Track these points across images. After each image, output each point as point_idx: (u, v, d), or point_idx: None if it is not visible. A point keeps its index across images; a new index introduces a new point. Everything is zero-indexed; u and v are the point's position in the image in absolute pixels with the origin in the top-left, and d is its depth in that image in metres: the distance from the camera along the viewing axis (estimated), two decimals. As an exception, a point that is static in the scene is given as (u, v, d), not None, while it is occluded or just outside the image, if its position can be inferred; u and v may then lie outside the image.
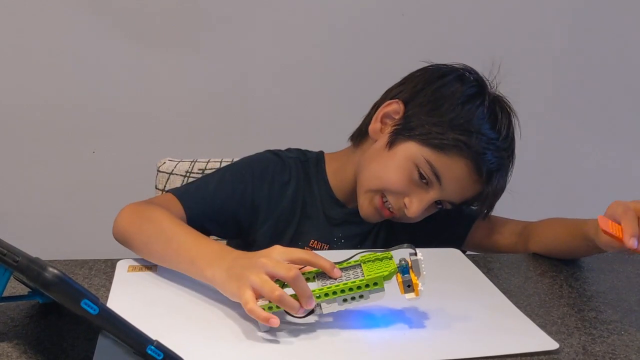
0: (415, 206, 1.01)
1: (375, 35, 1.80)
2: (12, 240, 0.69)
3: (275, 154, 1.13)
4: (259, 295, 0.75)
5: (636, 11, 1.92)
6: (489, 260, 1.05)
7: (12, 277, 0.74)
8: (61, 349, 0.72)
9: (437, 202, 1.05)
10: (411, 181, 1.02)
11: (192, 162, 1.30)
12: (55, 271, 0.60)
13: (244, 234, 1.11)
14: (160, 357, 0.64)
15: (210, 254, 0.82)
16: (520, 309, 0.85)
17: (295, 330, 0.77)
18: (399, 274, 0.76)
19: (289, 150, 1.16)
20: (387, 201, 1.04)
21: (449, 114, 1.01)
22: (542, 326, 0.81)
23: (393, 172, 1.02)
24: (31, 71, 1.79)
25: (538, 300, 0.90)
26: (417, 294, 0.76)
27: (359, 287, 0.76)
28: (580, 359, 0.74)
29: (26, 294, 0.81)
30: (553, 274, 1.01)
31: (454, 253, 1.05)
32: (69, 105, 1.80)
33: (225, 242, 1.16)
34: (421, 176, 1.01)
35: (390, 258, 0.77)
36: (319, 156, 1.16)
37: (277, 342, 0.75)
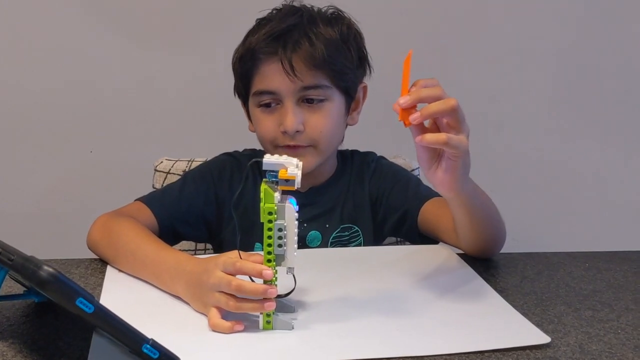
0: (286, 122, 1.04)
1: (374, 35, 1.80)
2: (8, 239, 0.69)
3: (229, 155, 1.19)
4: (223, 311, 0.77)
5: (636, 11, 1.92)
6: (486, 259, 1.05)
7: (7, 277, 0.73)
8: (57, 348, 0.72)
9: (308, 101, 1.06)
10: (269, 119, 1.07)
11: (189, 161, 1.31)
12: (51, 270, 0.59)
13: (214, 235, 1.16)
14: (156, 356, 0.64)
15: (171, 269, 0.86)
16: (517, 308, 0.85)
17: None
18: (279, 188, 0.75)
19: (244, 150, 1.21)
20: (283, 146, 1.07)
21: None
22: (539, 324, 0.81)
23: (258, 127, 1.10)
24: (29, 70, 1.79)
25: (535, 299, 0.90)
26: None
27: (269, 221, 0.75)
28: (577, 357, 0.74)
29: (22, 293, 0.81)
30: (550, 272, 1.01)
31: (444, 251, 1.06)
32: (67, 104, 1.80)
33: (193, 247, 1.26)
34: (266, 107, 1.07)
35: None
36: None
37: (271, 339, 0.75)
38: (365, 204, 1.17)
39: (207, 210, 1.13)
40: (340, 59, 1.06)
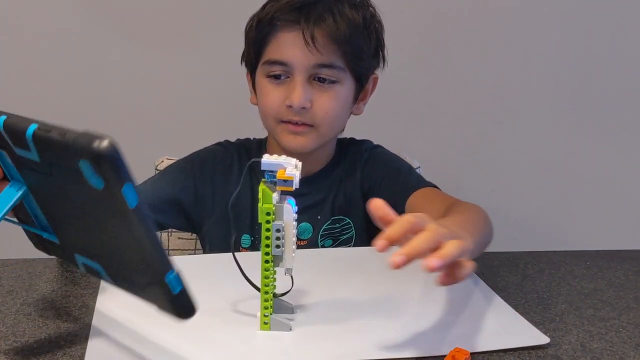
0: (293, 96, 1.02)
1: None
2: (9, 238, 0.69)
3: (219, 144, 1.18)
4: None
5: (636, 10, 1.92)
6: (487, 258, 1.05)
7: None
8: (58, 346, 0.72)
9: (319, 80, 1.04)
10: (275, 91, 1.05)
11: (190, 160, 1.30)
12: (111, 142, 0.52)
13: (197, 227, 1.14)
14: (176, 291, 0.58)
15: None
16: (518, 307, 0.86)
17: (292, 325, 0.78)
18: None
19: (237, 139, 1.19)
20: (285, 121, 1.06)
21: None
22: (540, 323, 0.81)
23: (262, 98, 1.08)
24: (29, 70, 1.79)
25: (536, 298, 0.90)
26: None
27: (267, 221, 0.74)
28: (578, 355, 0.74)
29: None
30: (551, 271, 1.01)
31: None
32: (67, 104, 1.80)
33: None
34: (275, 79, 1.05)
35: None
36: (262, 141, 1.18)
37: (268, 340, 0.75)
38: (357, 195, 1.14)
39: (185, 200, 1.11)
40: (360, 43, 1.05)
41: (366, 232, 1.14)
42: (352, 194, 1.14)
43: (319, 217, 1.12)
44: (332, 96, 1.05)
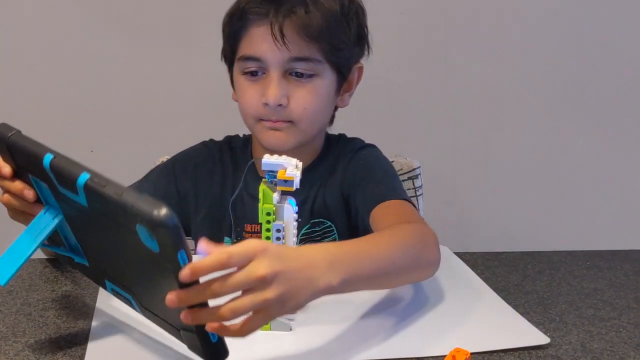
0: (269, 93, 0.97)
1: (375, 34, 1.80)
2: (9, 238, 0.69)
3: (203, 144, 1.14)
4: None
5: (636, 11, 1.92)
6: (487, 258, 1.05)
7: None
8: (58, 346, 0.72)
9: (296, 74, 0.98)
10: (251, 89, 1.00)
11: (190, 160, 1.30)
12: (169, 211, 0.54)
13: (186, 230, 1.10)
14: (215, 340, 0.61)
15: None
16: (518, 307, 0.86)
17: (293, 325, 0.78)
18: None
19: (225, 137, 1.16)
20: (265, 120, 1.01)
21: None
22: (541, 323, 0.81)
23: (239, 96, 1.03)
24: (28, 70, 1.79)
25: (536, 298, 0.90)
26: None
27: (268, 222, 0.74)
28: (578, 355, 0.74)
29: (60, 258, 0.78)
30: (551, 271, 1.01)
31: (443, 251, 1.04)
32: (67, 104, 1.80)
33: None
34: (251, 75, 1.00)
35: None
36: (248, 138, 1.13)
37: (269, 340, 0.75)
38: (338, 197, 1.07)
39: (169, 205, 1.05)
40: (338, 34, 0.97)
41: (351, 236, 1.07)
42: (332, 196, 1.07)
43: (299, 220, 1.07)
44: (311, 90, 0.98)
